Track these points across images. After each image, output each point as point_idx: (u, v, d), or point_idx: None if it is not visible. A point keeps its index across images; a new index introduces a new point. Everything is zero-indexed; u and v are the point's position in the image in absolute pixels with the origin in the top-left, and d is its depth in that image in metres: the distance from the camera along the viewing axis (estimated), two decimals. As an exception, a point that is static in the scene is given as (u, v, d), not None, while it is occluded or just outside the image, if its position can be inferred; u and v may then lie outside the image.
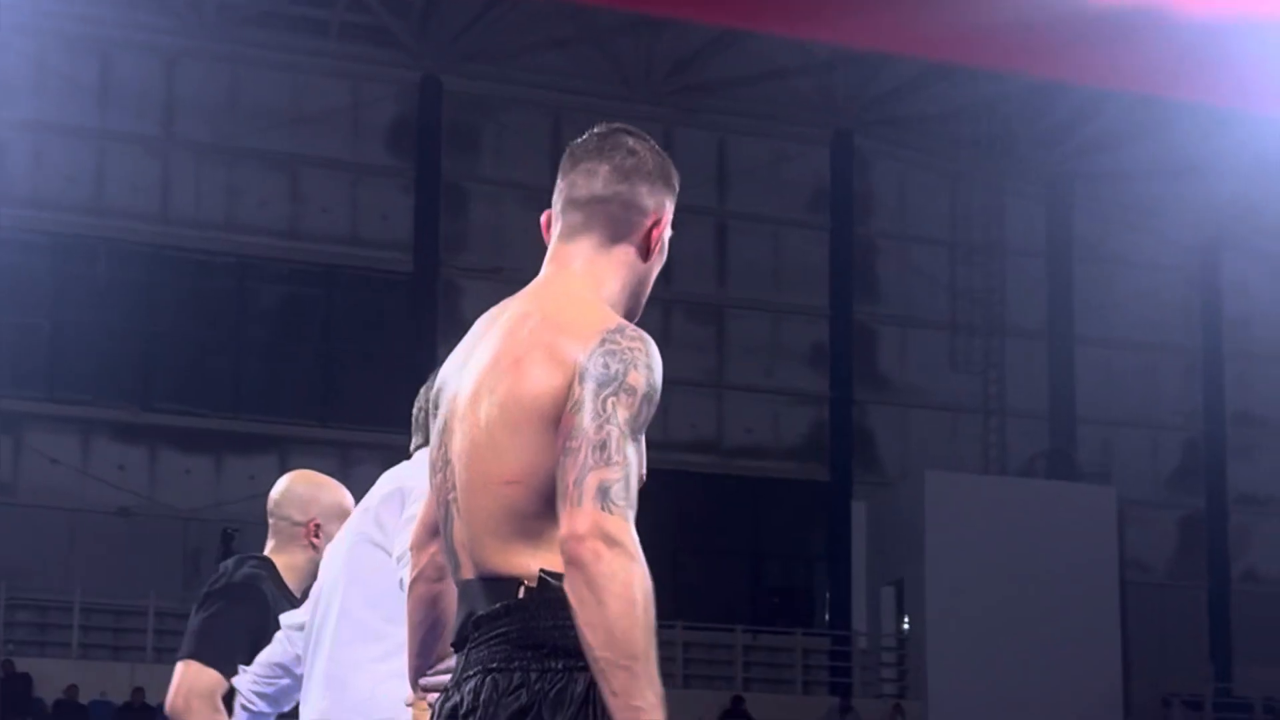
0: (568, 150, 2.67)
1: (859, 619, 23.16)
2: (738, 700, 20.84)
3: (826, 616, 23.25)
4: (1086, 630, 22.74)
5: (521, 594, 2.47)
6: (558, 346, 2.49)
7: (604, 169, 2.63)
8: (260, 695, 4.07)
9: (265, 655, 4.08)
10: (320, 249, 22.27)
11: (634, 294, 2.66)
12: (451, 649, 2.62)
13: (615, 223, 2.63)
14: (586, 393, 2.45)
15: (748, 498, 23.01)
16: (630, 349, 2.49)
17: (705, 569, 23.10)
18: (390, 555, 3.57)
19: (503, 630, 2.47)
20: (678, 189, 2.66)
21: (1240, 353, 25.66)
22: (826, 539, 23.21)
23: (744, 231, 24.20)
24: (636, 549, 2.39)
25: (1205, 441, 25.39)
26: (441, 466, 2.59)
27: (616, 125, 2.70)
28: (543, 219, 2.69)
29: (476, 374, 2.57)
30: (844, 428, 23.61)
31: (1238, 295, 25.67)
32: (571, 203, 2.64)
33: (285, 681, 4.05)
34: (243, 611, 4.25)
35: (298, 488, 4.46)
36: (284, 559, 4.44)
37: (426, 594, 2.77)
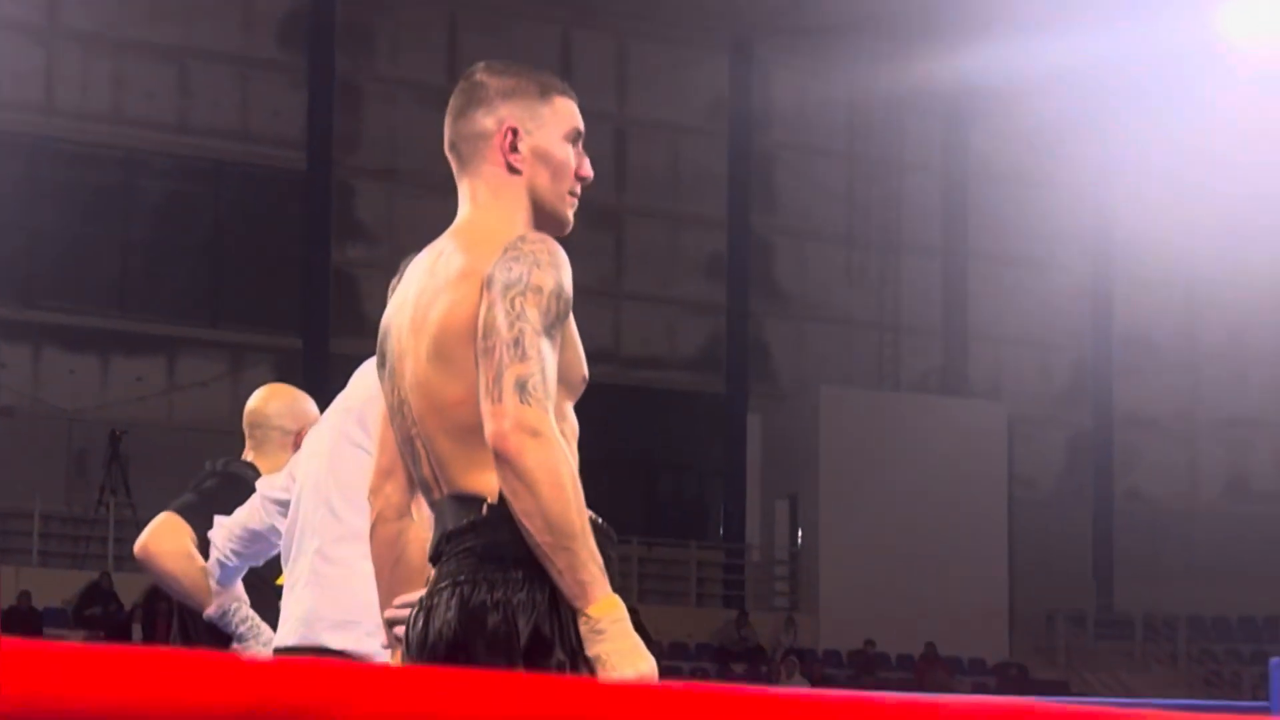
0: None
1: (753, 532, 23.26)
2: (633, 613, 20.87)
3: (721, 530, 23.33)
4: (975, 545, 23.01)
5: (484, 511, 2.66)
6: (467, 267, 2.73)
7: (448, 118, 2.91)
8: (236, 553, 4.24)
9: (243, 518, 4.21)
10: (209, 144, 21.68)
11: (534, 207, 2.87)
12: (413, 585, 2.82)
13: (469, 158, 2.89)
14: (495, 295, 2.65)
15: (643, 409, 22.92)
16: (532, 251, 2.71)
17: (600, 480, 23.01)
18: (372, 456, 3.51)
19: (469, 545, 2.66)
20: (545, 94, 2.86)
21: (1129, 275, 25.92)
22: (722, 452, 23.21)
23: (643, 138, 23.97)
24: (557, 437, 2.61)
25: (1093, 362, 25.69)
26: (398, 406, 2.79)
27: (475, 66, 2.94)
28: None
29: (410, 313, 2.80)
30: (740, 340, 23.57)
31: (1129, 215, 25.84)
32: (448, 158, 2.90)
33: (259, 546, 4.23)
34: (232, 497, 4.36)
35: (285, 400, 4.71)
36: (268, 463, 4.58)
37: (387, 534, 2.94)
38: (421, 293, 2.79)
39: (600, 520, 2.73)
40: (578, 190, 2.95)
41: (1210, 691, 23.81)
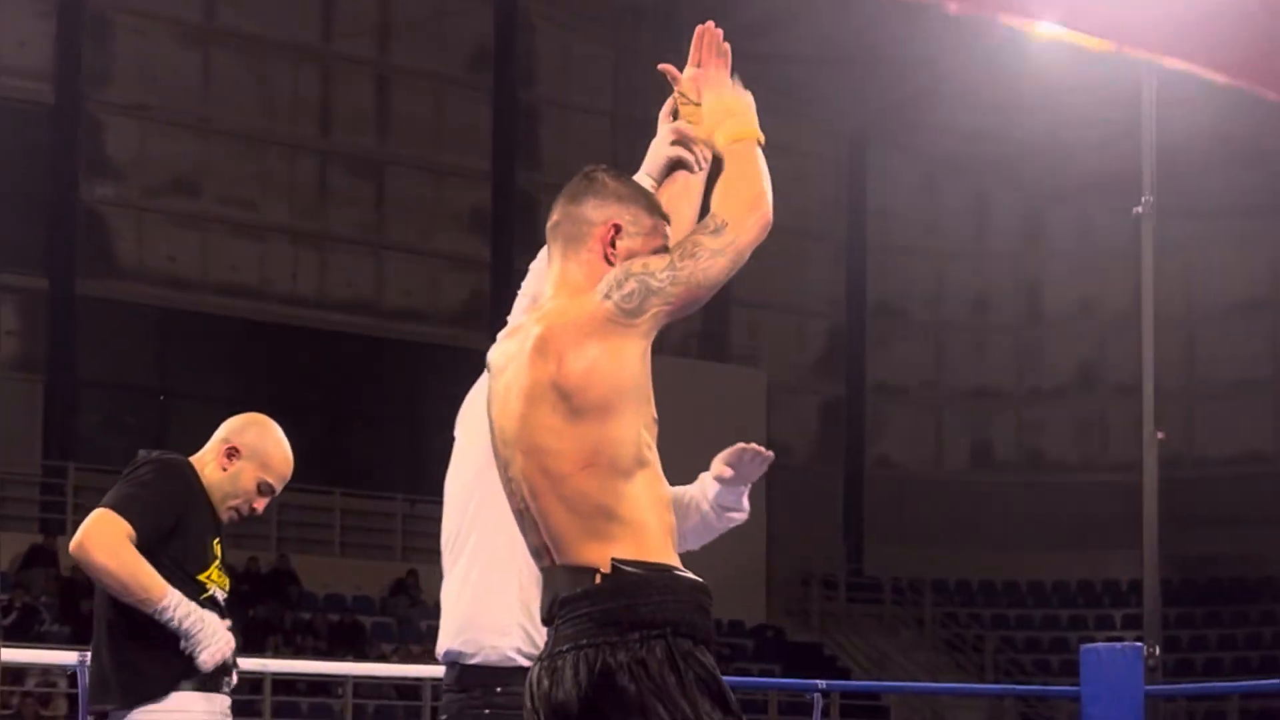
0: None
1: (518, 490, 23.01)
2: (412, 573, 20.54)
3: (486, 487, 22.97)
4: (732, 509, 23.12)
5: (598, 580, 2.91)
6: (547, 340, 2.96)
7: (561, 201, 3.13)
8: None
9: None
10: (-52, 72, 20.60)
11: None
12: None
13: (570, 239, 3.07)
14: (618, 276, 3.02)
15: (407, 362, 22.54)
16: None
17: (363, 435, 22.61)
18: None
19: (584, 611, 2.91)
20: (652, 212, 3.10)
21: (882, 245, 26.45)
22: (486, 408, 22.87)
23: (406, 86, 23.56)
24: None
25: (847, 330, 26.10)
26: (506, 483, 3.02)
27: (599, 167, 3.18)
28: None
29: (508, 400, 3.00)
30: (504, 296, 23.16)
31: (881, 188, 26.37)
32: (547, 235, 3.11)
33: None
34: (169, 486, 4.31)
35: (237, 422, 4.56)
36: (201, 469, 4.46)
37: None
38: (516, 374, 3.00)
39: None
40: None
41: (954, 655, 24.53)
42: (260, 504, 4.37)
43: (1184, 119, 22.02)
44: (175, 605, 4.16)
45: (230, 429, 4.47)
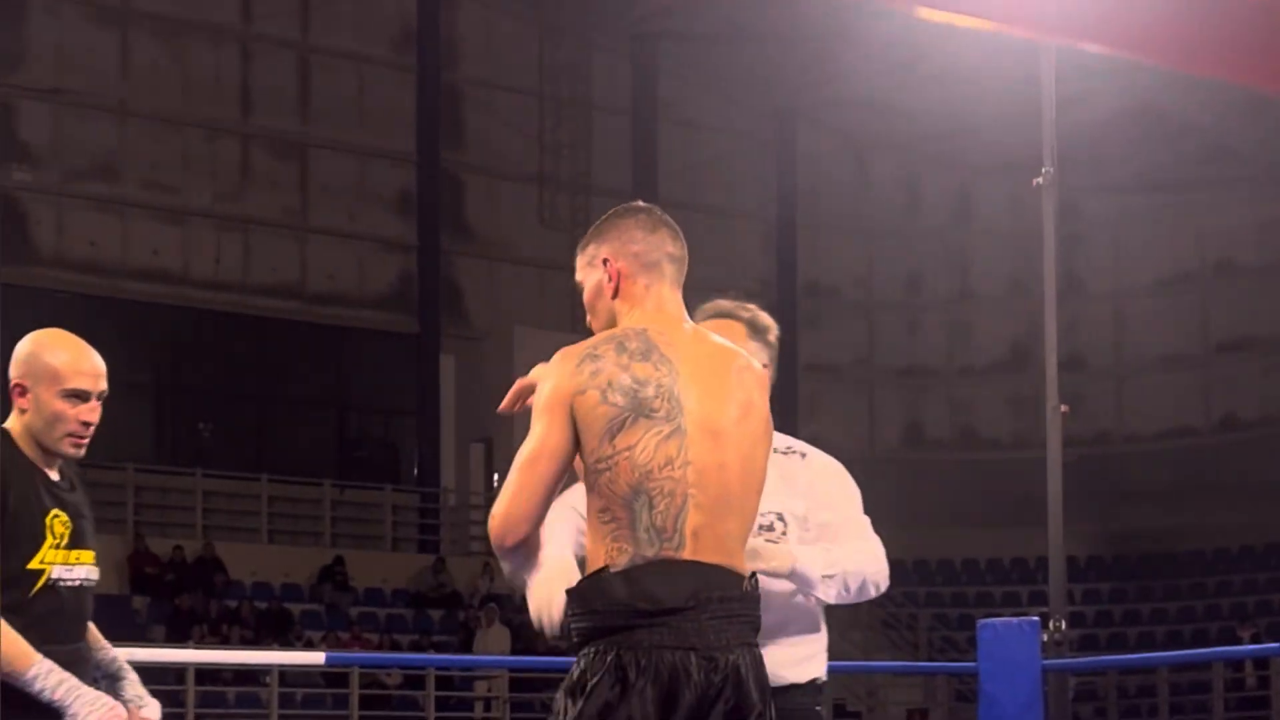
0: (629, 215, 3.47)
1: (448, 475, 23.00)
2: (339, 560, 20.46)
3: (415, 472, 23.02)
4: (664, 491, 23.21)
5: (746, 586, 3.18)
6: (765, 382, 3.38)
7: (677, 237, 3.49)
8: None
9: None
10: None
11: None
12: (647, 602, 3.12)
13: (681, 283, 3.44)
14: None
15: (332, 347, 22.44)
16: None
17: (289, 421, 22.49)
18: None
19: (742, 613, 3.17)
20: None
21: (812, 223, 26.50)
22: (414, 393, 22.85)
23: (327, 68, 23.40)
24: None
25: (779, 310, 25.71)
26: (682, 464, 3.16)
27: (650, 206, 3.49)
28: (612, 268, 3.42)
29: (716, 401, 3.24)
30: (432, 279, 23.19)
31: (810, 166, 26.42)
32: (670, 259, 3.42)
33: None
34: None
35: (20, 345, 3.95)
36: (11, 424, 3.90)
37: None
38: (729, 391, 3.26)
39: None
40: None
41: (889, 634, 24.65)
42: (84, 413, 3.78)
43: (1110, 95, 22.25)
44: (44, 674, 3.67)
45: (9, 371, 3.91)
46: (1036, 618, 6.36)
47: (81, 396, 3.80)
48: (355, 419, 23.26)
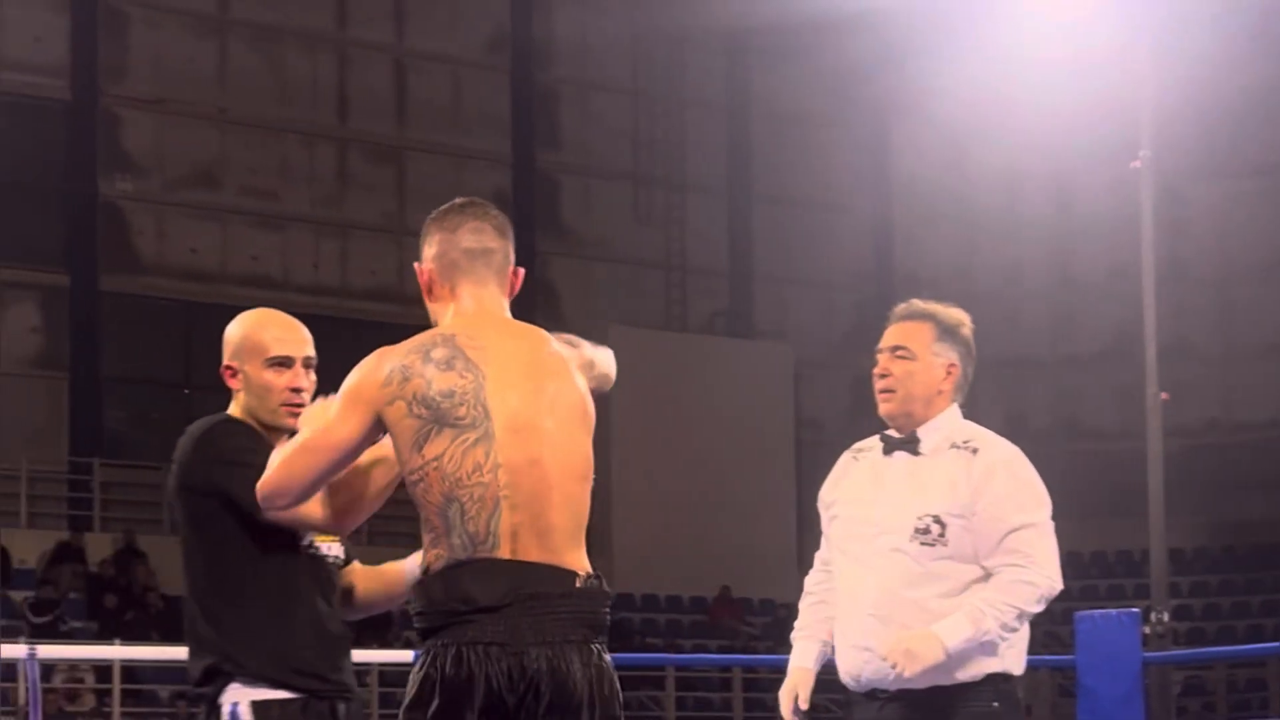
0: (435, 215, 3.45)
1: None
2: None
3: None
4: (764, 487, 23.20)
5: (579, 583, 3.14)
6: (565, 372, 3.32)
7: (483, 227, 3.41)
8: None
9: None
10: (-35, 72, 20.59)
11: None
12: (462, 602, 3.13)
13: (501, 271, 3.40)
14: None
15: (432, 349, 22.54)
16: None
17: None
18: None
19: (572, 609, 3.13)
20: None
21: (909, 215, 26.28)
22: (513, 393, 22.86)
23: (422, 71, 23.52)
24: None
25: (875, 303, 25.26)
26: (491, 469, 3.16)
27: (472, 199, 3.46)
28: (422, 272, 3.45)
29: (525, 398, 3.23)
30: (527, 279, 22.84)
31: (907, 157, 26.26)
32: (468, 254, 3.38)
33: None
34: (251, 442, 3.82)
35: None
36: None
37: None
38: (536, 375, 3.27)
39: None
40: None
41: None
42: (294, 379, 3.80)
43: (1215, 81, 21.96)
44: None
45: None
46: (1136, 610, 6.29)
47: (285, 363, 3.79)
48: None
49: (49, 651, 9.30)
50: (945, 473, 4.03)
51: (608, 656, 3.17)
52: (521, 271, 3.42)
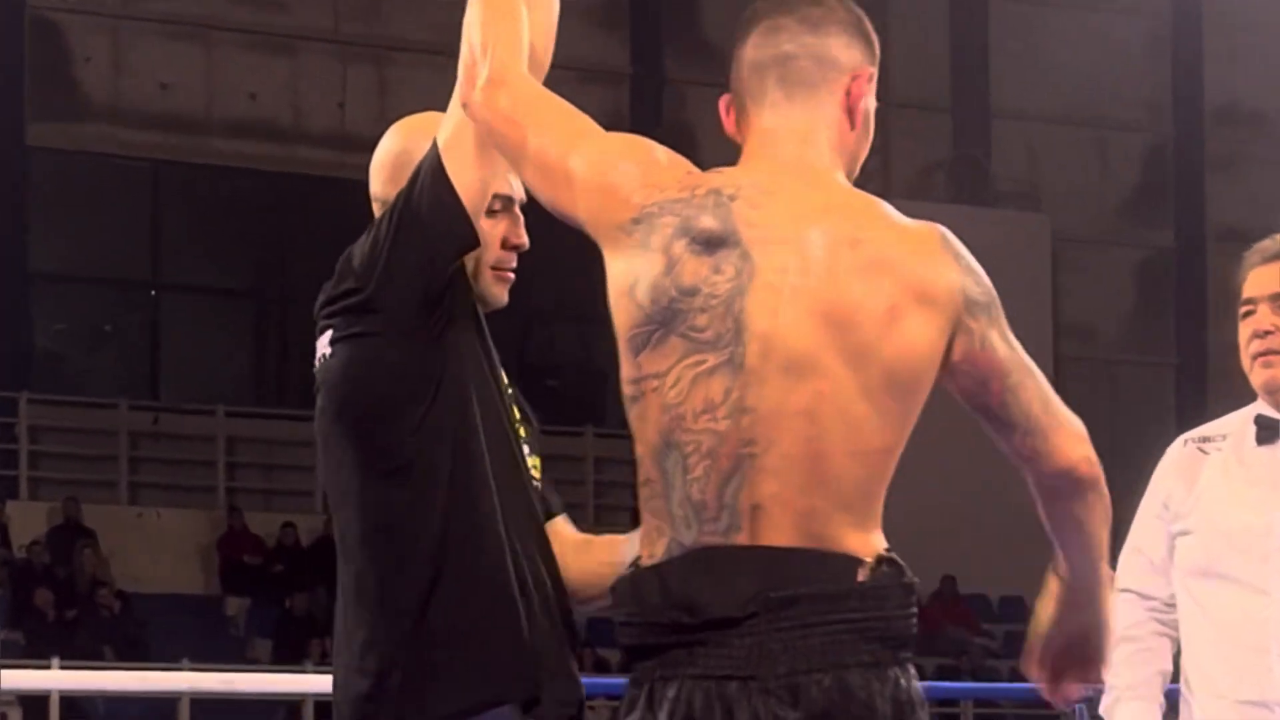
0: (747, 12, 3.15)
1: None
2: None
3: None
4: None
5: (862, 576, 2.81)
6: (918, 284, 2.85)
7: (788, 22, 3.03)
8: None
9: None
10: None
11: (849, 174, 3.06)
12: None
13: (814, 86, 3.00)
14: (984, 324, 2.86)
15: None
16: (966, 254, 2.93)
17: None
18: None
19: (846, 617, 2.80)
20: (878, 53, 2.97)
21: (1224, 21, 24.32)
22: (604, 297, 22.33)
23: None
24: None
25: (1176, 148, 24.75)
26: (730, 412, 2.82)
27: None
28: (721, 104, 3.04)
29: (812, 317, 2.84)
30: (652, 119, 22.01)
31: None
32: (756, 68, 2.98)
33: None
34: None
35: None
36: None
37: None
38: (834, 297, 2.84)
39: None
40: None
41: None
42: (509, 228, 3.43)
43: None
44: None
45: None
46: None
47: (506, 208, 3.53)
48: (539, 333, 22.53)
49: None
50: None
51: (915, 683, 2.78)
52: (862, 81, 2.90)
